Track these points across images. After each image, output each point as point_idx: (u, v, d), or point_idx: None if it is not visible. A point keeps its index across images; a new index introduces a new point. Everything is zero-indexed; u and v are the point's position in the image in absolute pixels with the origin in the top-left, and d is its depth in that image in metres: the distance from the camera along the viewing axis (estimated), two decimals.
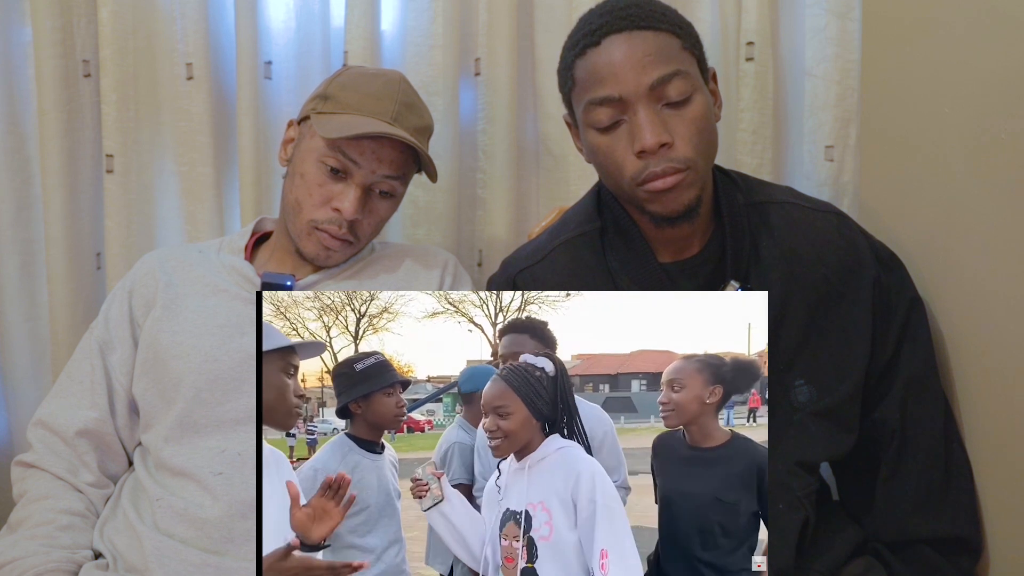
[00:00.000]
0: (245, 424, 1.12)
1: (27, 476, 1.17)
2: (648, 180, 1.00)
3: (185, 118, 1.56)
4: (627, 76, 0.99)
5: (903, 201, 1.21)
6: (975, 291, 1.06)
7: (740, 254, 1.08)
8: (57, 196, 1.52)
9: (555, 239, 1.16)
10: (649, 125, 0.98)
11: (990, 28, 1.00)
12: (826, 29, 1.47)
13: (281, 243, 1.27)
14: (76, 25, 1.54)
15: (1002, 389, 1.03)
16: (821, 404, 1.07)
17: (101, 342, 1.23)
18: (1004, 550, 1.06)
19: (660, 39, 1.01)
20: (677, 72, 1.00)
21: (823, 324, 1.08)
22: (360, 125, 1.17)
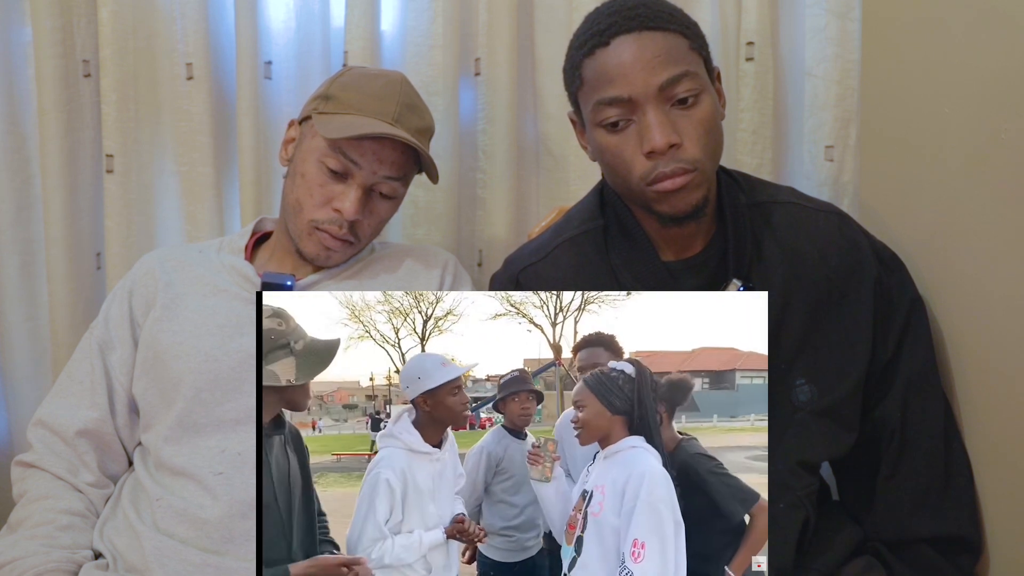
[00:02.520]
0: (245, 424, 1.11)
1: (27, 476, 1.17)
2: (657, 180, 1.00)
3: (185, 118, 1.56)
4: (637, 77, 0.99)
5: (903, 201, 1.21)
6: (975, 291, 1.06)
7: (742, 253, 1.08)
8: (57, 196, 1.52)
9: (558, 237, 1.16)
10: (659, 126, 0.99)
11: (990, 28, 1.01)
12: (826, 29, 1.47)
13: (281, 243, 1.27)
14: (76, 25, 1.54)
15: (1002, 389, 1.03)
16: (822, 403, 1.08)
17: (101, 342, 1.22)
18: (1004, 549, 1.06)
19: (669, 40, 1.01)
20: (686, 73, 1.00)
21: (824, 324, 1.08)
22: (361, 126, 1.17)
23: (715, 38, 1.47)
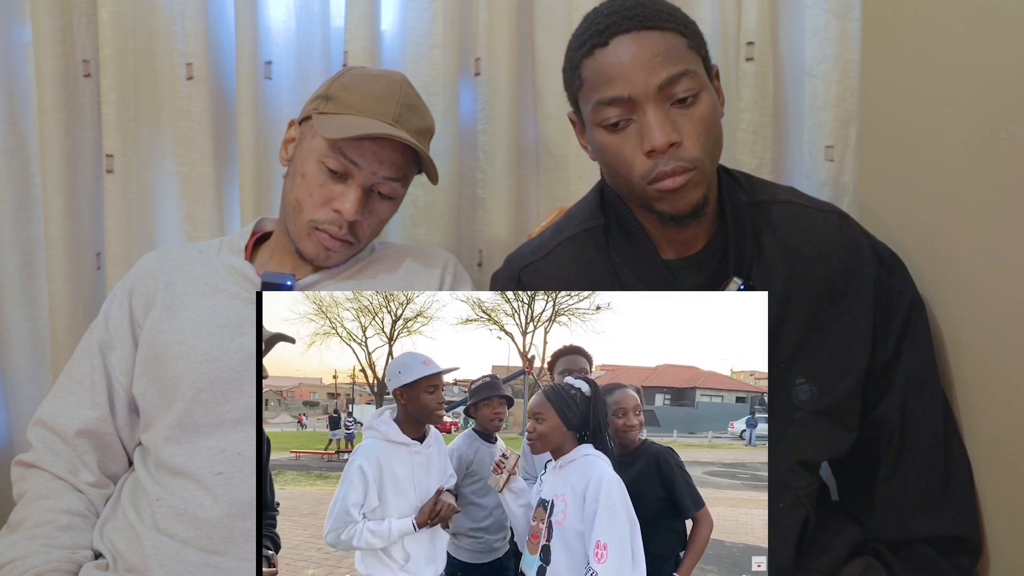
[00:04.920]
0: (245, 424, 1.12)
1: (27, 476, 1.17)
2: (658, 179, 1.01)
3: (185, 118, 1.56)
4: (636, 76, 1.00)
5: (903, 201, 1.21)
6: (974, 291, 1.06)
7: (743, 252, 1.08)
8: (57, 196, 1.52)
9: (559, 235, 1.17)
10: (659, 125, 0.99)
11: (990, 28, 1.01)
12: (826, 29, 1.47)
13: (281, 243, 1.27)
14: (76, 25, 1.54)
15: (1001, 388, 1.03)
16: (822, 402, 1.08)
17: (101, 342, 1.23)
18: (1004, 549, 1.06)
19: (668, 39, 1.01)
20: (685, 72, 1.00)
21: (824, 322, 1.09)
22: (361, 126, 1.17)
23: (715, 38, 1.47)
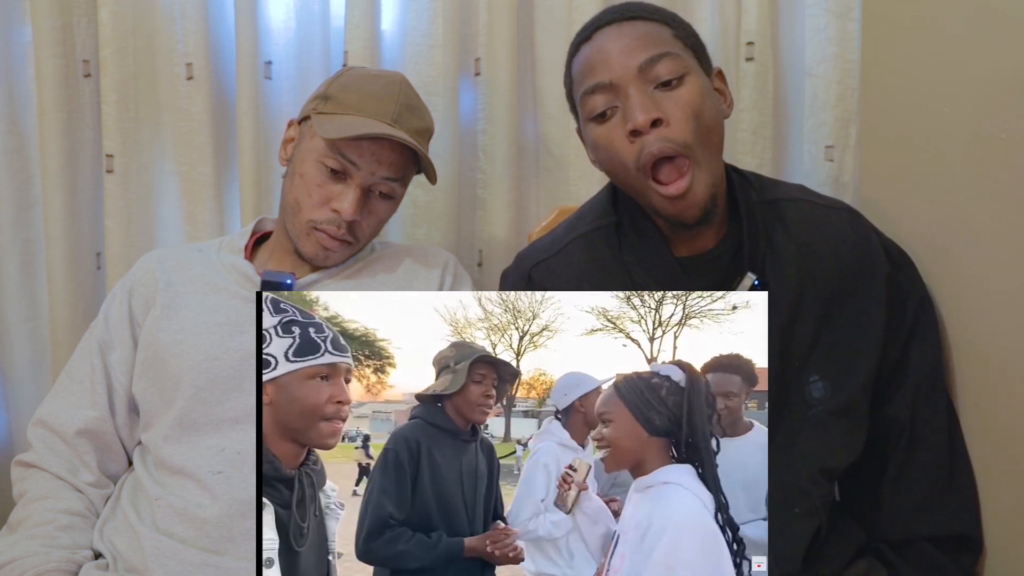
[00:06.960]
0: (245, 423, 1.11)
1: (27, 476, 1.17)
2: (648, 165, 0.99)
3: (185, 118, 1.56)
4: (616, 60, 1.00)
5: (903, 201, 1.21)
6: (975, 291, 1.06)
7: (756, 249, 1.08)
8: (57, 196, 1.52)
9: (571, 233, 1.16)
10: (639, 104, 0.99)
11: (990, 28, 1.00)
12: (826, 29, 1.47)
13: (280, 243, 1.27)
14: (76, 25, 1.54)
15: (1003, 387, 1.03)
16: (837, 400, 1.06)
17: (101, 342, 1.22)
18: (1004, 548, 1.06)
19: (650, 27, 1.02)
20: (667, 53, 1.00)
21: (837, 319, 1.08)
22: (360, 126, 1.17)
23: (715, 38, 1.47)
